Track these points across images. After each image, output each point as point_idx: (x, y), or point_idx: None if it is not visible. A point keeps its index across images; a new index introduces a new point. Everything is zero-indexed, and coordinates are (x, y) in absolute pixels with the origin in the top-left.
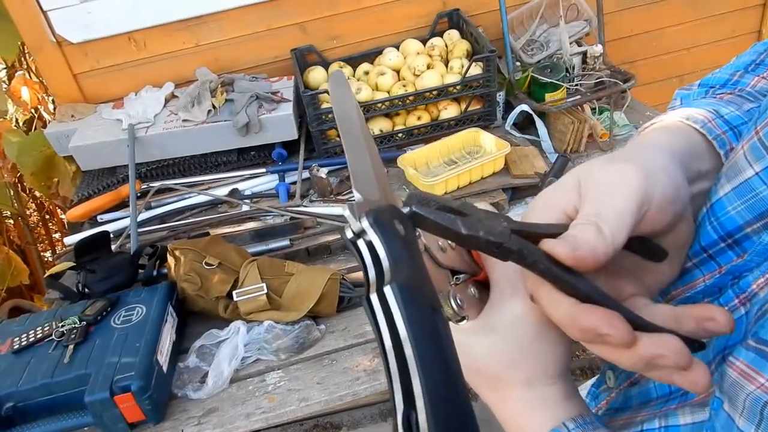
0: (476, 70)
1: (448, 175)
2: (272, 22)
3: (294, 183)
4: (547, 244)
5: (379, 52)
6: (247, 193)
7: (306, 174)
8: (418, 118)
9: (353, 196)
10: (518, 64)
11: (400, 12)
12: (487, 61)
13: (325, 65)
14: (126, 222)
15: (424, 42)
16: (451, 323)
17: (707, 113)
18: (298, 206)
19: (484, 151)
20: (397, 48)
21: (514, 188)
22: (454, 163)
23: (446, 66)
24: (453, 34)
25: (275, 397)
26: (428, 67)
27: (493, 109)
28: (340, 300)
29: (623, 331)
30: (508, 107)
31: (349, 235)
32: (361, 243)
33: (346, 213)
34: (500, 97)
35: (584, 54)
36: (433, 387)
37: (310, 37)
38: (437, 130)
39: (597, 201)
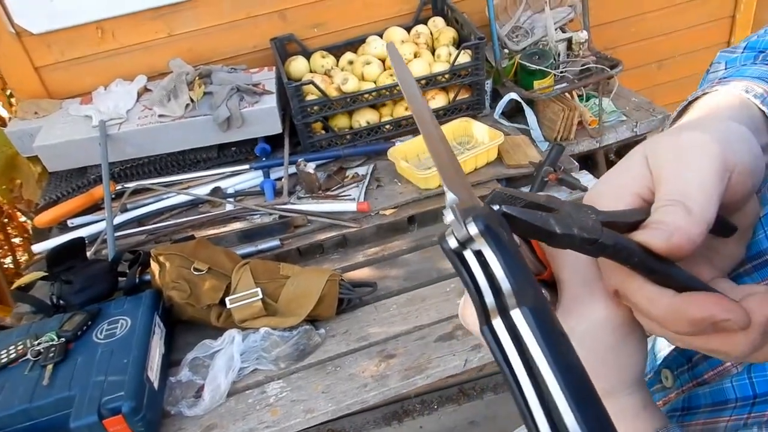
0: (464, 58)
1: None
2: (251, 9)
3: (280, 179)
4: (641, 235)
5: (362, 40)
6: (230, 191)
7: (292, 169)
8: (406, 109)
9: (348, 195)
10: (505, 51)
11: None
12: (475, 48)
13: (307, 55)
14: (100, 226)
15: (408, 30)
16: None
17: (765, 86)
18: (286, 204)
19: (475, 141)
20: (381, 36)
21: (508, 178)
22: None
23: (433, 54)
24: (438, 22)
25: (278, 410)
26: (415, 56)
27: (481, 97)
28: (339, 302)
29: (741, 312)
30: (495, 96)
31: (453, 244)
32: (469, 254)
33: (450, 217)
34: (488, 85)
35: (569, 40)
36: (588, 416)
37: (291, 25)
38: None
39: (676, 177)
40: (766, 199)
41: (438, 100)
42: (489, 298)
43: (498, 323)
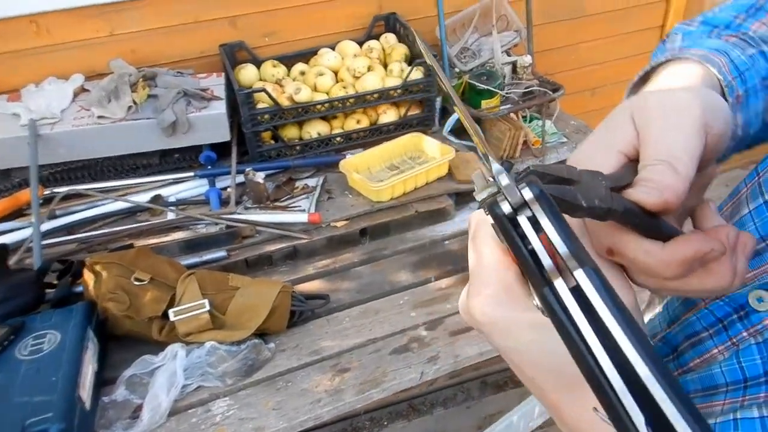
0: (417, 74)
1: (394, 180)
2: (200, 14)
3: (226, 188)
4: (636, 194)
5: (314, 52)
6: (172, 199)
7: (239, 179)
8: (358, 122)
9: (298, 206)
10: (455, 71)
11: (337, 12)
12: (427, 65)
13: (257, 63)
14: (24, 233)
15: (360, 44)
16: (532, 315)
17: (721, 57)
18: (233, 214)
19: (426, 156)
20: (333, 48)
21: (458, 193)
22: (396, 168)
23: (385, 69)
24: (390, 38)
25: (225, 429)
26: (368, 69)
27: (432, 114)
28: (291, 315)
29: (718, 241)
30: (444, 113)
31: (507, 209)
32: (522, 219)
33: (505, 181)
34: (437, 103)
35: (514, 64)
36: (663, 371)
37: (241, 32)
38: (376, 134)
39: (663, 137)
40: (755, 193)
41: (389, 114)
42: (547, 261)
43: (560, 284)
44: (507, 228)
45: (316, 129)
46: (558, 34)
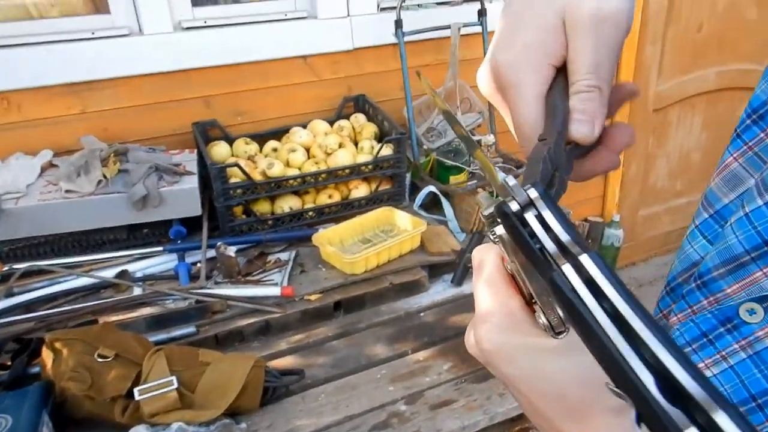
0: (387, 150)
1: (368, 252)
2: (175, 93)
3: (195, 263)
4: (575, 134)
5: (285, 130)
6: (139, 275)
7: (210, 253)
8: (329, 197)
9: (270, 280)
10: (423, 148)
11: (307, 93)
12: (398, 142)
13: (229, 140)
14: None
15: (330, 123)
16: (537, 339)
17: None
18: (202, 288)
19: (398, 229)
20: (305, 127)
21: (431, 265)
22: (368, 241)
23: (356, 146)
24: (360, 117)
25: None
26: (340, 146)
27: (402, 189)
28: (264, 391)
29: None
30: (413, 189)
31: (515, 207)
32: (529, 216)
33: (512, 182)
34: (407, 179)
35: (478, 143)
36: (671, 344)
37: (214, 111)
38: (348, 208)
39: (594, 54)
40: (735, 205)
41: (360, 189)
42: (553, 249)
43: (568, 268)
44: (513, 224)
45: (288, 203)
46: None
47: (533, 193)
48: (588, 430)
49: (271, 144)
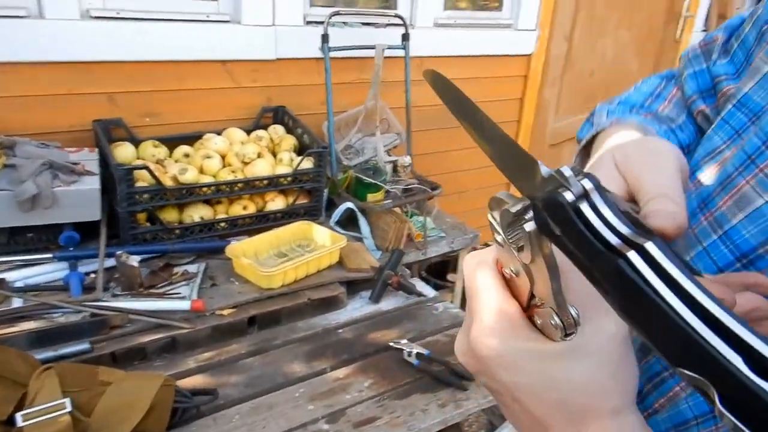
0: (307, 164)
1: (287, 266)
2: (74, 86)
3: (90, 273)
4: (655, 222)
5: (198, 136)
6: (19, 284)
7: (109, 262)
8: (244, 208)
9: (178, 294)
10: (343, 164)
11: (223, 100)
12: (319, 156)
13: (135, 142)
14: None
15: (248, 132)
16: (539, 344)
17: (649, 127)
18: (98, 300)
19: (315, 244)
20: (219, 134)
21: (349, 282)
22: (284, 256)
23: (274, 158)
24: (279, 129)
25: None
26: (258, 156)
27: (320, 204)
28: (173, 413)
29: (732, 293)
30: (329, 205)
31: (570, 198)
32: (584, 206)
33: (568, 172)
34: (325, 193)
35: (395, 163)
36: (738, 318)
37: (120, 109)
38: (262, 221)
39: (652, 177)
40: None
41: (277, 202)
42: (614, 239)
43: (634, 255)
44: (567, 215)
45: (198, 213)
46: (432, 141)
47: (588, 184)
48: None
49: (183, 149)
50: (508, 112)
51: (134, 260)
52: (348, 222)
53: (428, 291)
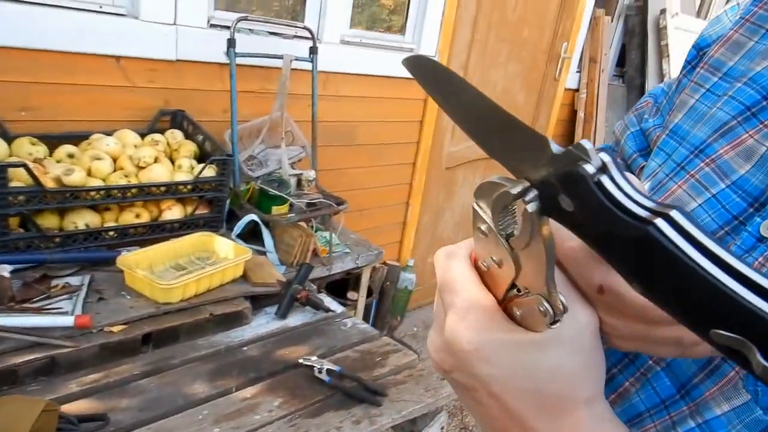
0: (209, 172)
1: (188, 279)
2: None
3: None
4: None
5: (84, 136)
6: None
7: None
8: (137, 216)
9: (58, 309)
10: (246, 175)
11: (114, 98)
12: (223, 164)
13: (8, 139)
14: None
15: (142, 136)
16: (517, 335)
17: None
18: None
19: (217, 256)
20: (110, 135)
21: (254, 297)
22: (182, 268)
23: (172, 164)
24: (177, 134)
25: None
26: (155, 161)
27: (221, 215)
28: None
29: None
30: (231, 216)
31: (591, 170)
32: (605, 179)
33: (589, 145)
34: (227, 204)
35: (299, 177)
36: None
37: None
38: (157, 231)
39: None
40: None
41: (174, 211)
42: (639, 210)
43: (662, 222)
44: (589, 187)
45: (83, 219)
46: (336, 157)
47: (606, 158)
48: (563, 424)
49: (66, 149)
50: (408, 134)
51: (5, 270)
52: (250, 235)
53: (336, 306)
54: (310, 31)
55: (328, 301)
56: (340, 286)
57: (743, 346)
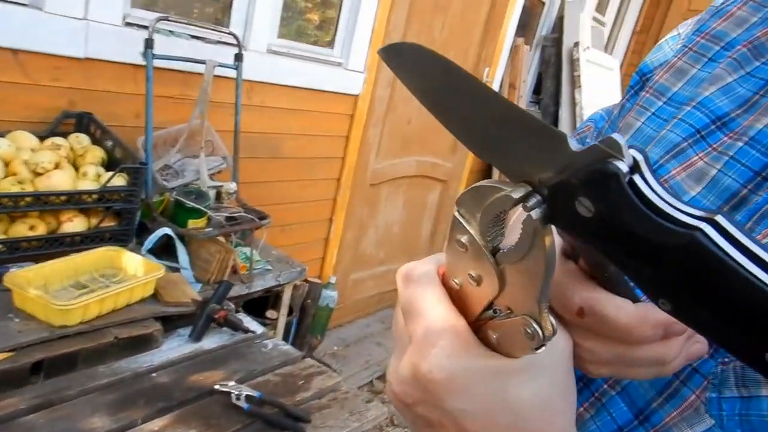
0: (119, 181)
1: (90, 299)
2: None
3: None
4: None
5: None
6: None
7: None
8: (31, 228)
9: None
10: (161, 186)
11: (13, 97)
12: (135, 173)
13: None
14: None
15: (41, 138)
16: (494, 362)
17: None
18: None
19: (125, 274)
20: (2, 137)
21: (165, 317)
22: (84, 287)
23: (76, 171)
24: (82, 138)
25: None
26: (56, 167)
27: (130, 228)
28: None
29: None
30: (142, 229)
31: (625, 168)
32: (638, 179)
33: (622, 140)
34: (137, 216)
35: (219, 189)
36: None
37: None
38: (54, 245)
39: None
40: (703, 196)
41: (76, 223)
42: (681, 215)
43: (708, 228)
44: (620, 186)
45: None
46: (259, 170)
47: (638, 156)
48: None
49: None
50: (334, 149)
51: None
52: (162, 250)
53: (256, 327)
54: (236, 37)
55: (248, 321)
56: (259, 305)
57: None
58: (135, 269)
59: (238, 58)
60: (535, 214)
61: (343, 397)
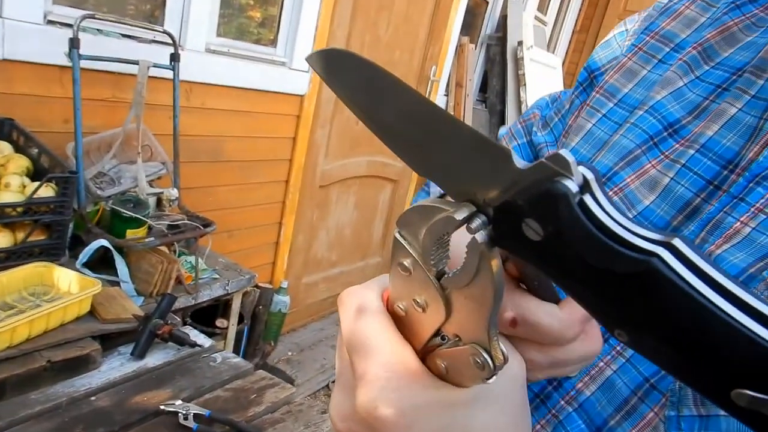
0: (46, 192)
1: (18, 321)
2: None
3: None
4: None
5: None
6: None
7: None
8: None
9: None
10: (94, 194)
11: None
12: (65, 182)
13: None
14: None
15: None
16: (445, 393)
17: None
18: None
19: (57, 291)
20: None
21: (104, 336)
22: (12, 308)
23: None
24: (4, 146)
25: None
26: None
27: (62, 242)
28: None
29: None
30: (76, 242)
31: (574, 188)
32: (588, 199)
33: (571, 157)
34: (70, 228)
35: (159, 196)
36: None
37: None
38: None
39: None
40: (656, 205)
41: (0, 238)
42: (637, 239)
43: (666, 254)
44: (571, 207)
45: None
46: (201, 174)
47: (589, 174)
48: None
49: None
50: (280, 151)
51: None
52: (100, 263)
53: (203, 340)
54: (171, 36)
55: (195, 335)
56: (208, 314)
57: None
58: (68, 285)
59: (174, 57)
60: (479, 237)
61: (298, 409)
